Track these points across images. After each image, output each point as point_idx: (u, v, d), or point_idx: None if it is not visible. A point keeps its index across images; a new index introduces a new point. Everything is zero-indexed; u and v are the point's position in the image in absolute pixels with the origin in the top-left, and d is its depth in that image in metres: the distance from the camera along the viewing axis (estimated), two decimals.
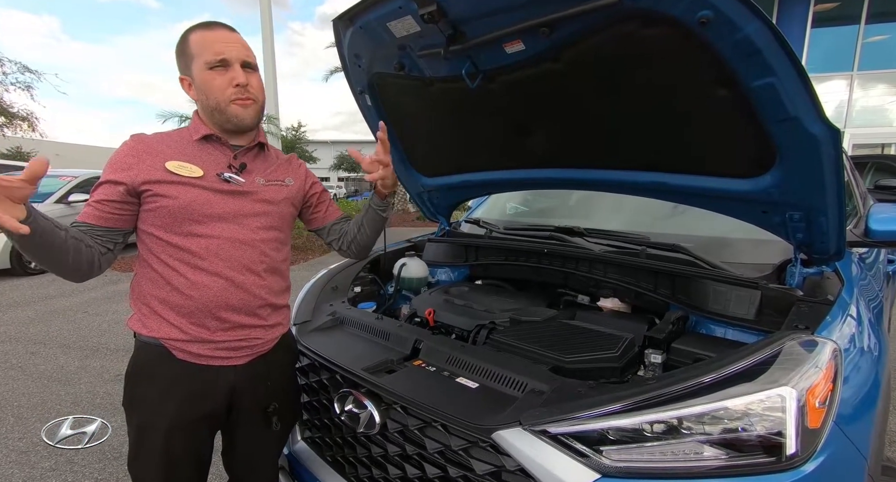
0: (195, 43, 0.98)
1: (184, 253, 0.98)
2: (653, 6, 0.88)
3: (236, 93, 0.98)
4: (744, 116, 0.98)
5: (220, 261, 1.00)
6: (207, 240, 0.99)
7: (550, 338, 1.18)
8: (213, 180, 1.01)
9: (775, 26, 0.82)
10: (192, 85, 1.02)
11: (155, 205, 0.97)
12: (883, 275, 1.69)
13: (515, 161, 1.55)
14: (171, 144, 1.02)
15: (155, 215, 0.98)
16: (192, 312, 0.98)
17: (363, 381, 1.05)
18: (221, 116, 1.01)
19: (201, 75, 0.98)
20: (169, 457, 0.99)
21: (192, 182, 0.99)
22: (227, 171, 1.03)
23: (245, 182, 1.05)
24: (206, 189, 1.00)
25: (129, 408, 1.03)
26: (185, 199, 0.97)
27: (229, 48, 0.97)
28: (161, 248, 0.99)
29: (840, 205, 1.03)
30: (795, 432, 0.74)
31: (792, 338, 0.89)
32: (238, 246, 1.02)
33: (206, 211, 0.99)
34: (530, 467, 0.79)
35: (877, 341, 1.04)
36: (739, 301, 1.18)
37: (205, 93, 0.99)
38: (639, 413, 0.78)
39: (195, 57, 0.98)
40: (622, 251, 1.47)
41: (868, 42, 10.23)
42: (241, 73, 0.98)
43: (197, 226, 0.99)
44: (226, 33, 0.99)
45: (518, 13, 1.02)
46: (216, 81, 0.97)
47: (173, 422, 0.98)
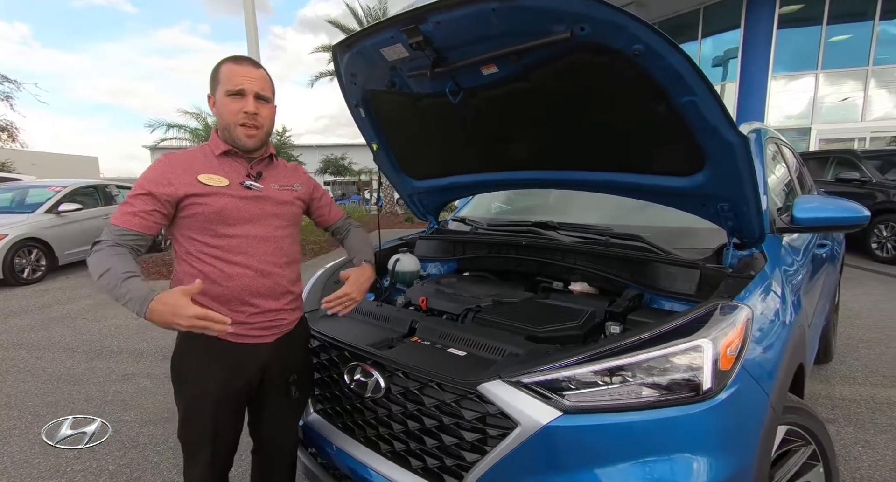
0: (224, 72, 1.16)
1: (218, 250, 1.16)
2: (597, 40, 1.10)
3: (244, 118, 1.15)
4: (678, 126, 1.20)
5: (249, 256, 1.17)
6: (237, 239, 1.17)
7: (526, 314, 1.39)
8: (238, 188, 1.19)
9: (691, 58, 1.04)
10: (215, 104, 1.20)
11: (192, 212, 1.14)
12: (811, 256, 1.93)
13: (494, 165, 1.76)
14: (199, 160, 1.19)
15: (192, 221, 1.15)
16: (230, 300, 1.16)
17: (369, 355, 1.25)
18: (229, 136, 1.19)
19: (221, 99, 1.16)
20: (216, 423, 1.17)
21: (221, 191, 1.16)
22: (247, 180, 1.21)
23: (263, 188, 1.22)
24: (232, 196, 1.17)
25: (179, 384, 1.20)
26: (217, 205, 1.15)
27: (248, 81, 1.15)
28: (198, 248, 1.16)
29: (757, 197, 1.26)
30: (711, 372, 0.96)
31: (716, 305, 1.11)
32: (262, 242, 1.20)
33: (234, 214, 1.16)
34: (508, 410, 0.99)
35: (788, 308, 1.28)
36: (684, 279, 1.40)
37: (221, 114, 1.18)
38: (591, 364, 0.99)
39: (221, 83, 1.16)
40: (589, 241, 1.69)
41: (831, 42, 10.74)
42: (251, 103, 1.16)
43: (228, 227, 1.16)
44: (250, 69, 1.17)
45: (490, 43, 1.23)
46: (230, 106, 1.15)
47: (219, 392, 1.16)
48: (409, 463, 1.19)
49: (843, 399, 2.43)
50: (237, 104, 1.15)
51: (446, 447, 1.10)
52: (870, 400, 2.41)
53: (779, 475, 1.23)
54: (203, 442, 1.19)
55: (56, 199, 6.33)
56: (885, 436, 2.07)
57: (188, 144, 7.49)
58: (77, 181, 7.15)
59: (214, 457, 1.22)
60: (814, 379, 2.64)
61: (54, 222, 6.17)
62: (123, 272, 1.02)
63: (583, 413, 0.96)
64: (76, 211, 6.44)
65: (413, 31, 1.26)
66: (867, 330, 3.42)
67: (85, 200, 6.77)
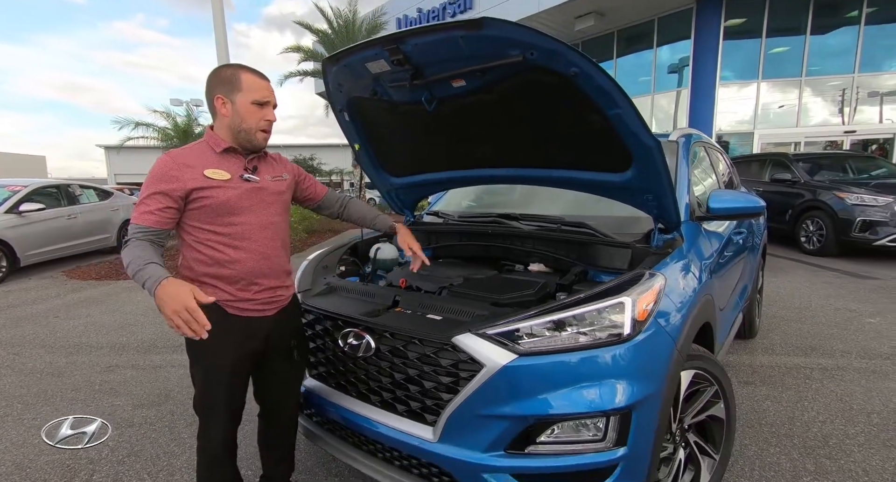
0: (247, 81, 1.32)
1: (225, 237, 1.33)
2: (544, 63, 1.38)
3: (266, 125, 1.36)
4: (609, 132, 1.50)
5: (252, 241, 1.36)
6: (241, 226, 1.35)
7: (491, 286, 1.67)
8: (238, 181, 1.34)
9: (614, 79, 1.34)
10: (228, 106, 1.32)
11: (199, 204, 1.29)
12: (728, 241, 2.30)
13: (462, 163, 2.03)
14: (201, 156, 1.32)
15: (199, 212, 1.30)
16: (237, 280, 1.35)
17: (361, 321, 1.49)
18: (246, 137, 1.35)
19: (245, 106, 1.32)
20: (231, 387, 1.38)
21: (224, 184, 1.31)
22: (245, 173, 1.38)
23: (259, 180, 1.40)
24: (235, 188, 1.34)
25: (196, 357, 1.38)
26: (223, 197, 1.30)
27: (271, 94, 1.36)
28: (206, 237, 1.32)
29: (672, 189, 1.58)
30: (630, 322, 1.26)
31: (638, 273, 1.41)
32: (263, 229, 1.39)
33: (238, 205, 1.34)
34: (476, 356, 1.25)
35: (696, 278, 1.61)
36: (619, 257, 1.72)
37: (243, 118, 1.33)
38: (540, 317, 1.27)
39: (243, 91, 1.31)
40: (544, 229, 1.99)
41: (771, 53, 11.68)
42: (273, 113, 1.37)
43: (233, 217, 1.33)
44: (269, 83, 1.37)
45: (459, 62, 1.50)
46: (256, 114, 1.34)
47: (233, 360, 1.36)
48: (396, 408, 1.43)
49: (761, 366, 2.84)
50: (262, 113, 1.34)
51: (426, 391, 1.35)
52: (783, 366, 2.83)
53: (690, 409, 1.56)
54: (220, 405, 1.38)
55: (16, 199, 6.15)
56: (790, 392, 2.48)
57: (156, 144, 7.39)
58: (37, 181, 6.95)
59: (230, 416, 1.42)
60: (739, 351, 3.06)
61: (15, 222, 6.00)
62: (144, 260, 1.17)
63: (533, 355, 1.24)
64: (38, 211, 6.28)
65: (395, 50, 1.51)
66: (788, 310, 3.91)
67: (47, 200, 6.59)
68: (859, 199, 5.81)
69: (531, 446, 1.24)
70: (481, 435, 1.25)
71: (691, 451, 1.58)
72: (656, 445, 1.28)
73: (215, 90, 1.34)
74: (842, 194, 5.98)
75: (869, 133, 11.50)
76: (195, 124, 7.55)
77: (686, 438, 1.57)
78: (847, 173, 7.02)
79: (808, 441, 2.02)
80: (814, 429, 2.11)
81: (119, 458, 2.03)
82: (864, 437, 2.04)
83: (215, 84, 1.34)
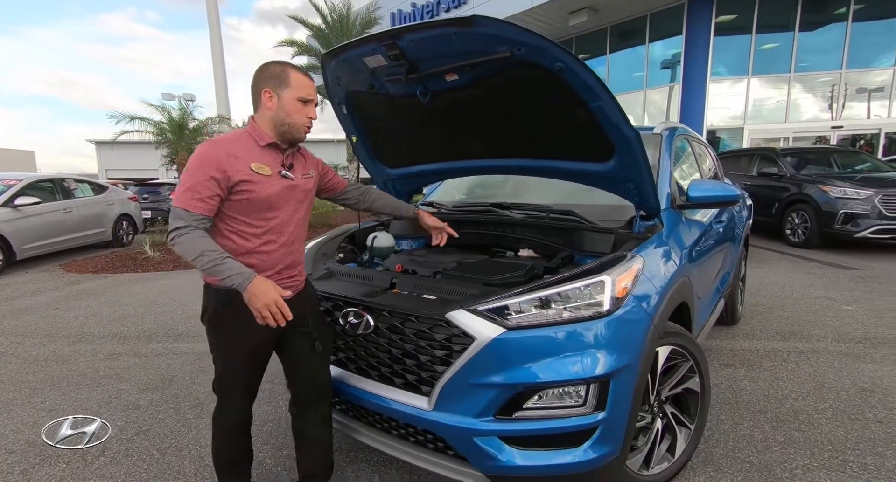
0: (295, 79, 1.38)
1: (260, 230, 1.38)
2: (530, 58, 1.48)
3: (308, 122, 1.43)
4: (593, 124, 1.60)
5: (282, 234, 1.44)
6: (275, 220, 1.42)
7: (482, 269, 1.77)
8: (277, 177, 1.39)
9: (597, 74, 1.44)
10: (274, 100, 1.37)
11: (241, 197, 1.32)
12: (708, 228, 2.42)
13: (455, 154, 2.13)
14: (246, 148, 1.35)
15: (239, 204, 1.33)
16: (265, 269, 1.41)
17: (361, 301, 1.58)
18: (289, 130, 1.39)
19: (292, 102, 1.38)
20: (252, 368, 1.46)
21: (267, 180, 1.36)
22: (283, 170, 1.44)
23: (294, 178, 1.47)
24: (275, 184, 1.38)
25: (218, 341, 1.43)
26: (265, 193, 1.35)
27: (314, 93, 1.43)
28: (241, 228, 1.36)
29: (652, 178, 1.69)
30: (609, 298, 1.37)
31: (618, 255, 1.52)
32: (291, 223, 1.47)
33: (275, 200, 1.40)
34: (468, 330, 1.35)
35: (673, 262, 1.72)
36: (602, 242, 1.83)
37: (288, 113, 1.38)
38: (527, 294, 1.37)
39: (291, 87, 1.37)
40: (533, 217, 2.09)
41: (761, 49, 11.84)
42: (315, 111, 1.44)
43: (269, 211, 1.40)
44: (314, 83, 1.44)
45: (452, 57, 1.59)
46: (302, 110, 1.40)
47: (257, 340, 1.42)
48: (394, 381, 1.54)
49: (742, 350, 2.97)
50: (306, 110, 1.41)
51: (422, 364, 1.46)
52: (762, 350, 2.96)
53: (667, 382, 1.68)
54: (240, 386, 1.46)
55: (11, 193, 6.17)
56: (766, 373, 2.61)
57: (150, 139, 7.40)
58: (31, 174, 6.95)
59: (246, 393, 1.50)
60: (722, 337, 3.19)
61: (10, 216, 6.02)
62: (220, 254, 1.25)
63: (520, 329, 1.35)
64: (34, 205, 6.30)
65: (391, 46, 1.60)
66: (771, 299, 4.06)
67: (42, 195, 6.61)
68: (842, 193, 5.98)
69: (518, 412, 1.35)
70: (472, 402, 1.36)
71: (668, 422, 1.70)
72: (633, 410, 1.40)
73: (263, 84, 1.39)
74: (825, 188, 6.14)
75: (855, 128, 11.73)
76: (190, 118, 7.55)
77: (663, 409, 1.68)
78: (833, 167, 7.19)
79: (781, 415, 2.16)
80: (786, 406, 2.25)
81: (128, 437, 2.12)
82: (831, 412, 2.18)
83: (263, 78, 1.40)
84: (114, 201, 7.94)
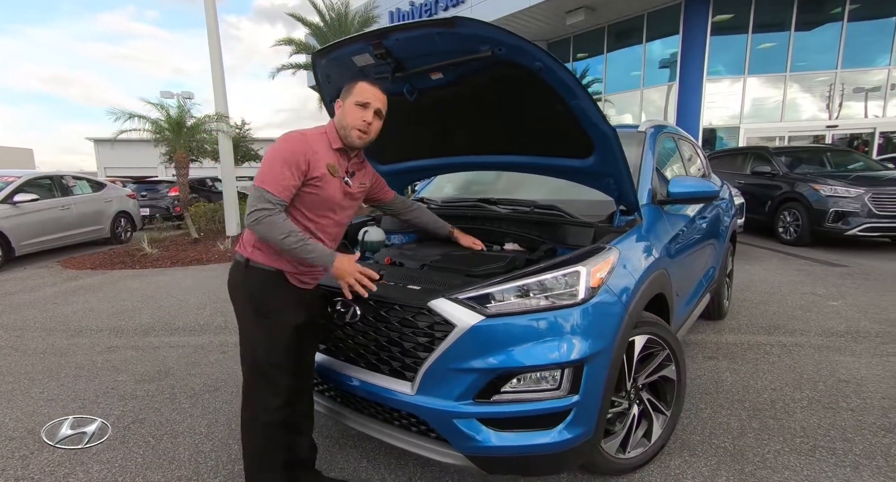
0: (358, 88, 1.50)
1: (312, 226, 1.48)
2: (511, 58, 1.54)
3: (361, 125, 1.50)
4: (573, 121, 1.67)
5: (326, 234, 1.53)
6: (326, 220, 1.51)
7: (466, 261, 1.83)
8: (341, 182, 1.51)
9: (574, 73, 1.50)
10: (340, 107, 1.51)
11: (310, 191, 1.43)
12: (691, 223, 2.48)
13: (443, 151, 2.19)
14: (323, 147, 1.46)
15: (306, 198, 1.43)
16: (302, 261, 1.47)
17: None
18: (346, 133, 1.49)
19: (350, 106, 1.49)
20: (297, 344, 1.50)
21: (333, 181, 1.47)
22: (346, 177, 1.55)
23: (352, 185, 1.57)
24: (337, 187, 1.49)
25: (260, 317, 1.46)
26: (327, 194, 1.46)
27: (373, 99, 1.50)
28: (299, 218, 1.46)
29: (629, 174, 1.75)
30: (584, 287, 1.43)
31: (596, 247, 1.59)
32: (336, 226, 1.57)
33: (335, 202, 1.50)
34: (449, 318, 1.42)
35: (650, 255, 1.78)
36: (583, 235, 1.89)
37: (345, 116, 1.50)
38: (505, 283, 1.44)
39: (353, 95, 1.49)
40: (518, 211, 2.15)
41: (757, 49, 11.90)
42: (370, 115, 1.50)
43: (326, 211, 1.50)
44: (377, 90, 1.52)
45: (437, 56, 1.65)
46: (356, 113, 1.48)
47: (295, 324, 1.49)
48: (380, 368, 1.60)
49: (726, 343, 3.04)
50: (361, 113, 1.49)
51: (406, 351, 1.52)
52: (745, 343, 3.03)
53: (644, 370, 1.75)
54: (285, 365, 1.49)
55: (10, 190, 6.22)
56: (748, 365, 2.68)
57: (148, 137, 7.46)
58: (30, 171, 7.00)
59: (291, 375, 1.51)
60: (707, 331, 3.26)
61: (9, 213, 6.08)
62: (305, 236, 1.37)
63: (499, 316, 1.41)
64: (32, 201, 6.35)
65: (378, 45, 1.66)
66: (757, 294, 4.13)
67: (40, 191, 6.66)
68: (833, 191, 6.05)
69: (496, 395, 1.41)
70: (453, 386, 1.42)
71: (644, 408, 1.76)
72: (606, 394, 1.46)
73: (339, 98, 1.55)
74: (817, 186, 6.21)
75: (850, 128, 11.80)
76: (188, 116, 7.61)
77: (640, 396, 1.75)
78: (826, 166, 7.25)
79: (758, 405, 2.22)
80: (764, 395, 2.32)
81: (125, 425, 2.19)
82: (807, 401, 2.25)
83: (342, 94, 1.55)
84: (112, 198, 8.00)
